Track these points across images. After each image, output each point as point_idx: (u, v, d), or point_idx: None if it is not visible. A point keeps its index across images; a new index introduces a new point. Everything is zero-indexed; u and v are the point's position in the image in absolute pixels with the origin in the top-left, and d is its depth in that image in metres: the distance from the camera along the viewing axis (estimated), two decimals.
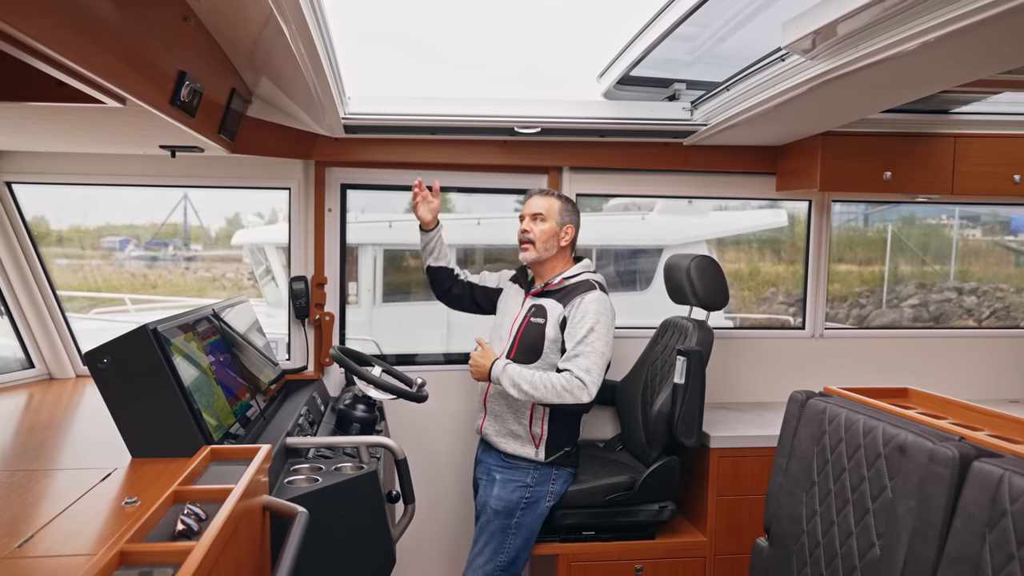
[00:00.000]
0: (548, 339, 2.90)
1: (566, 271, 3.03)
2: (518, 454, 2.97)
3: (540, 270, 3.07)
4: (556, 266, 3.05)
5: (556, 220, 3.00)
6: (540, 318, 2.94)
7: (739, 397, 3.95)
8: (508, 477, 2.97)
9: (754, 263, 6.82)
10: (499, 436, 3.00)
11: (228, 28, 2.14)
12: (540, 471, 2.96)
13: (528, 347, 2.92)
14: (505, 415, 2.98)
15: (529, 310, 3.00)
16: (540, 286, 3.04)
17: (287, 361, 3.61)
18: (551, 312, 2.93)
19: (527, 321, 2.97)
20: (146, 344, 1.99)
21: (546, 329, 2.90)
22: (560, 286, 2.99)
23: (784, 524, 2.31)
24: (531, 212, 3.01)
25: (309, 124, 3.22)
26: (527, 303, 3.04)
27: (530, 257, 3.01)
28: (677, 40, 2.97)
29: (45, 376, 3.31)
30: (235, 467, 1.77)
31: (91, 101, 1.79)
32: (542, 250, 2.99)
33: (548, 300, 2.97)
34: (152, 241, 9.67)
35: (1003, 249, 9.30)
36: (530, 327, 2.94)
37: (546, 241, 2.99)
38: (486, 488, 3.03)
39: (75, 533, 1.51)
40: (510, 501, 2.94)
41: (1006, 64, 2.31)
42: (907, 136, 3.51)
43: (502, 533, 2.94)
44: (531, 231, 2.99)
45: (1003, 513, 1.55)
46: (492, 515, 2.96)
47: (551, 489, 2.98)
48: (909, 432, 1.89)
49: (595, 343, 2.82)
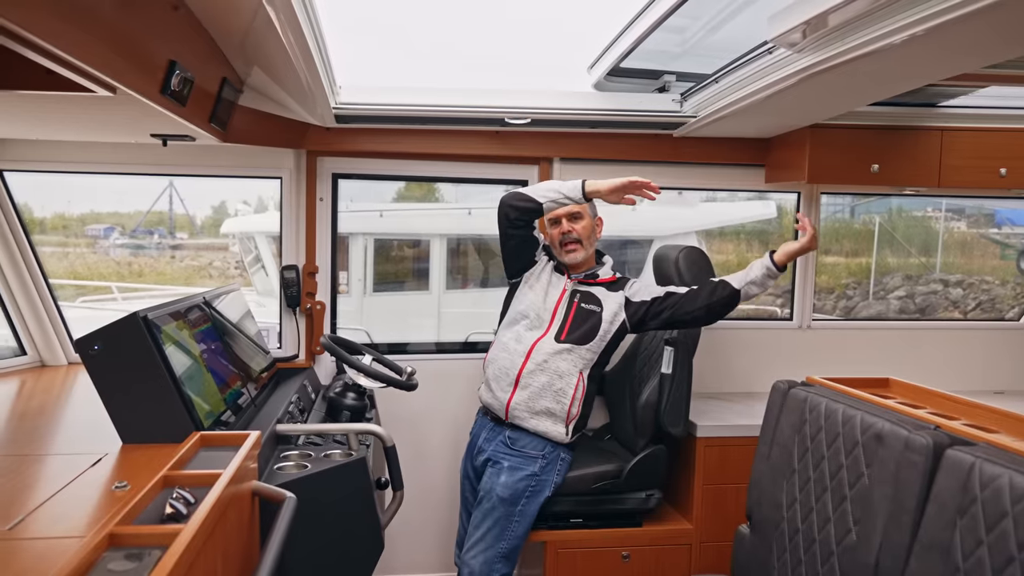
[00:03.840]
0: (605, 323, 3.00)
1: (605, 266, 3.14)
2: (544, 434, 2.96)
3: (580, 265, 3.13)
4: (593, 260, 3.16)
5: (590, 214, 3.10)
6: (594, 305, 3.03)
7: (727, 387, 3.99)
8: (516, 465, 2.97)
9: (743, 255, 6.85)
10: (530, 412, 2.96)
11: (218, 17, 2.15)
12: (547, 459, 2.99)
13: (585, 331, 2.99)
14: (545, 393, 2.95)
15: (575, 295, 3.06)
16: (582, 274, 3.10)
17: (278, 349, 3.63)
18: (607, 302, 3.02)
19: (577, 306, 3.03)
20: (137, 331, 2.01)
21: (603, 315, 3.00)
22: (613, 280, 3.10)
23: (765, 511, 2.36)
24: (567, 212, 3.05)
25: (301, 114, 3.23)
26: (570, 287, 3.09)
27: (579, 257, 3.06)
28: (667, 32, 2.98)
29: (37, 363, 3.33)
30: (224, 453, 1.80)
31: (81, 90, 1.80)
32: (588, 246, 3.08)
33: (599, 289, 3.07)
34: (137, 229, 9.66)
35: (988, 241, 9.38)
36: (583, 312, 3.02)
37: (589, 237, 3.08)
38: (492, 475, 3.00)
39: (65, 516, 1.53)
40: (517, 489, 2.95)
41: (992, 58, 2.33)
42: (895, 129, 3.54)
43: (505, 520, 2.94)
44: (574, 230, 3.04)
45: (973, 500, 1.59)
46: (497, 502, 2.94)
47: (555, 479, 3.02)
48: (886, 421, 1.93)
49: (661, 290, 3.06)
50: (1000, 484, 1.55)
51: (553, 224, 3.08)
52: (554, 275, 3.14)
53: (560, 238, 3.06)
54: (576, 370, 2.97)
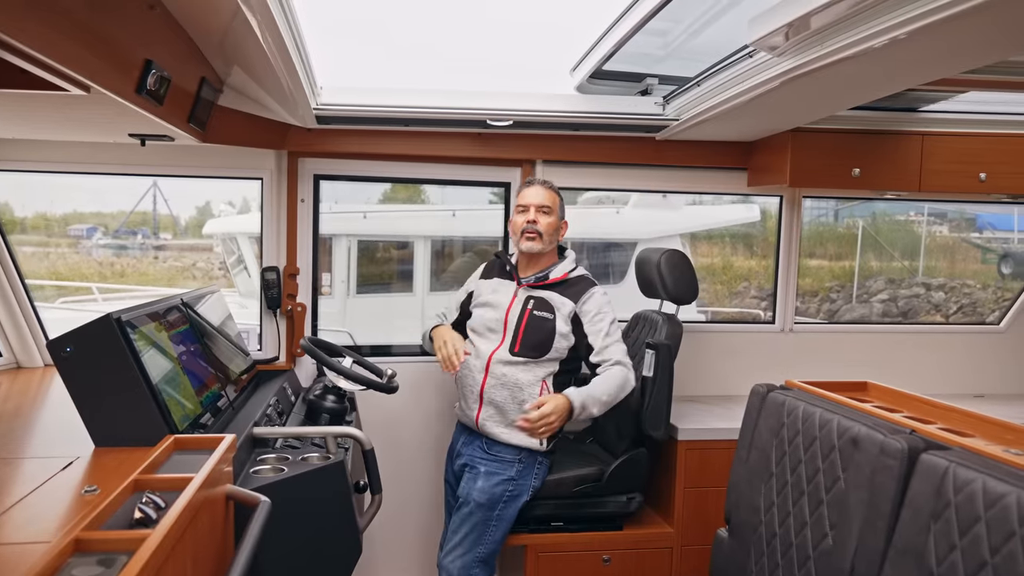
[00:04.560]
0: (559, 334, 2.93)
1: (561, 264, 3.04)
2: (519, 444, 2.94)
3: (534, 261, 3.05)
4: (550, 258, 3.07)
5: (558, 214, 3.04)
6: (546, 312, 2.95)
7: (709, 390, 3.99)
8: (492, 470, 2.96)
9: (727, 257, 6.89)
10: (501, 427, 2.96)
11: (196, 17, 2.13)
12: (524, 464, 2.97)
13: (536, 342, 2.92)
14: (507, 406, 2.94)
15: (527, 302, 2.99)
16: (532, 277, 3.02)
17: (259, 351, 3.61)
18: (560, 307, 2.95)
19: (529, 314, 2.96)
20: (110, 333, 1.99)
21: (556, 324, 2.93)
22: (563, 280, 3.01)
23: (743, 515, 2.36)
24: (538, 203, 2.98)
25: (281, 114, 3.21)
26: (521, 294, 3.02)
27: (536, 248, 2.98)
28: (649, 35, 2.99)
29: (13, 365, 3.29)
30: (198, 456, 1.77)
31: (54, 88, 1.78)
32: (547, 243, 3.00)
33: (551, 294, 2.98)
34: (121, 229, 9.59)
35: (969, 246, 9.47)
36: (535, 320, 2.94)
37: (551, 234, 3.01)
38: (469, 480, 3.00)
39: (33, 521, 1.51)
40: (494, 494, 2.94)
41: (972, 62, 2.36)
42: (876, 133, 3.56)
43: (483, 525, 2.94)
44: (539, 222, 2.97)
45: (947, 504, 1.59)
46: (475, 507, 2.94)
47: (533, 483, 3.00)
48: (863, 425, 1.93)
49: (616, 332, 2.98)
50: (974, 489, 1.55)
51: (521, 211, 3.02)
52: (503, 283, 3.10)
53: (524, 226, 2.99)
54: (538, 380, 2.94)
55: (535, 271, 3.03)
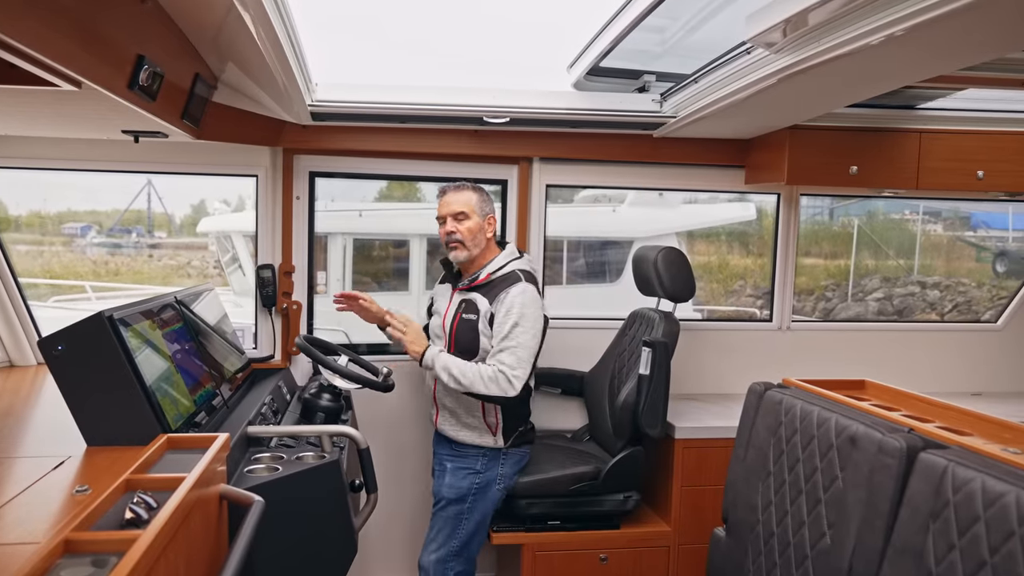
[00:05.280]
0: (482, 334, 2.92)
1: (491, 263, 3.01)
2: (478, 443, 3.01)
3: (474, 263, 3.04)
4: (485, 257, 3.04)
5: (478, 214, 2.99)
6: (472, 314, 2.95)
7: (706, 389, 3.98)
8: (458, 465, 3.04)
9: (723, 256, 6.88)
10: (455, 429, 3.04)
11: (189, 12, 2.11)
12: (489, 456, 3.01)
13: (464, 345, 2.94)
14: (457, 410, 3.02)
15: (460, 306, 2.99)
16: (467, 280, 3.03)
17: (254, 350, 3.59)
18: (481, 308, 2.94)
19: (459, 318, 2.97)
20: (101, 331, 1.96)
21: (479, 325, 2.92)
22: (487, 281, 2.98)
23: (740, 514, 2.35)
24: (452, 212, 2.97)
25: (276, 111, 3.19)
26: (455, 298, 3.05)
27: (462, 257, 2.98)
28: (646, 32, 2.97)
29: (5, 364, 3.26)
30: (191, 456, 1.75)
31: (45, 84, 1.76)
32: (472, 247, 2.98)
33: (476, 295, 2.97)
34: (115, 228, 9.54)
35: (964, 244, 9.49)
36: (463, 324, 2.95)
37: (474, 238, 2.97)
38: (439, 477, 3.10)
39: (23, 521, 1.49)
40: (461, 488, 3.00)
41: (969, 60, 2.34)
42: (873, 131, 3.55)
43: (455, 519, 3.01)
44: (457, 231, 2.95)
45: (946, 504, 1.58)
46: (446, 503, 3.02)
47: (501, 472, 3.03)
48: (860, 424, 1.92)
49: (520, 337, 2.85)
50: (972, 488, 1.54)
51: (440, 223, 3.03)
52: (445, 290, 3.14)
53: (445, 238, 3.00)
54: None
55: (471, 273, 3.05)
